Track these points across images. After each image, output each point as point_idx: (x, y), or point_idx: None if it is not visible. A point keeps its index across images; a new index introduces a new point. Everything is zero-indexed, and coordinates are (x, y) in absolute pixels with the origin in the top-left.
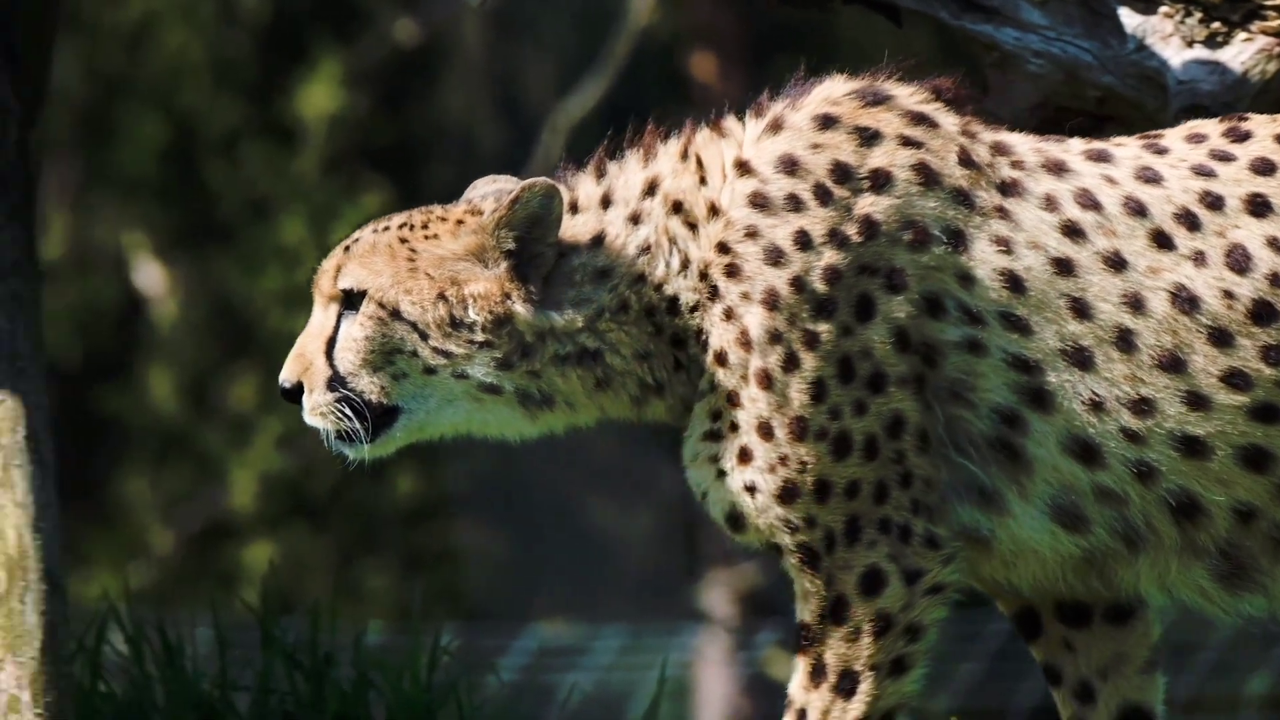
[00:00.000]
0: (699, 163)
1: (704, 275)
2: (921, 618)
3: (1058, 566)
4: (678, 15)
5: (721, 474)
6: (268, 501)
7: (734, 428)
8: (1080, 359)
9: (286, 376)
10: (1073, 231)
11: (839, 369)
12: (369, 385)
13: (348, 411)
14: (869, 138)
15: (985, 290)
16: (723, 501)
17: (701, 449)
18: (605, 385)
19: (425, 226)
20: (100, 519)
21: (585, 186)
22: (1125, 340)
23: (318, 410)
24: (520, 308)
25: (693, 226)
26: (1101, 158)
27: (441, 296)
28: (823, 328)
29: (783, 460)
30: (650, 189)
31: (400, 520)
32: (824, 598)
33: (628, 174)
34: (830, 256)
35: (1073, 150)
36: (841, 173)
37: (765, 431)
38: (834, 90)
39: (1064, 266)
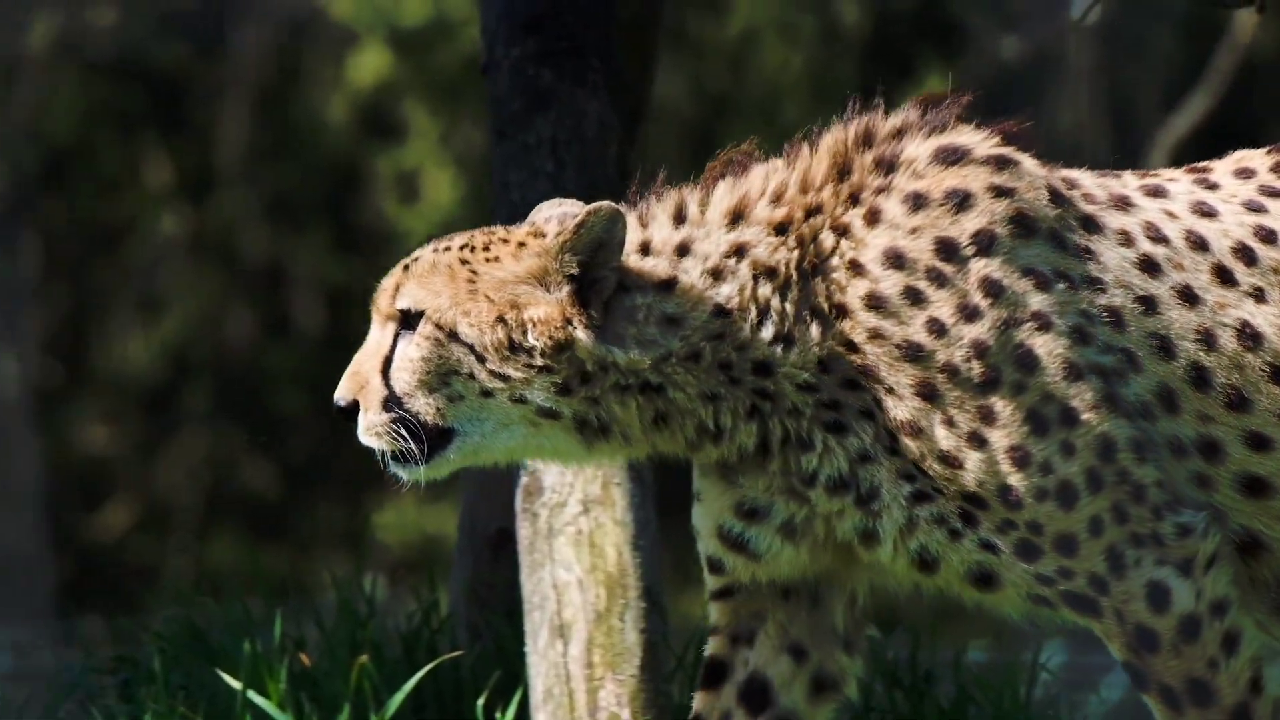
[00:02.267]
0: (813, 243)
1: (825, 368)
2: (1216, 592)
3: None
4: None
5: (955, 534)
6: None
7: (939, 491)
8: (1169, 402)
9: (342, 395)
10: (1150, 266)
11: (1032, 425)
12: (424, 406)
13: (403, 432)
14: (960, 202)
15: (1099, 328)
16: (968, 561)
17: (920, 512)
18: (664, 421)
19: (487, 248)
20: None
21: (661, 230)
22: (1201, 379)
23: (373, 430)
24: (582, 334)
25: (815, 310)
26: (1158, 193)
27: (501, 319)
28: (994, 399)
29: (1010, 524)
30: (738, 251)
31: None
32: (1125, 634)
33: (710, 227)
34: (970, 332)
35: (1130, 185)
36: (947, 250)
37: (978, 503)
38: (918, 155)
39: (1148, 304)
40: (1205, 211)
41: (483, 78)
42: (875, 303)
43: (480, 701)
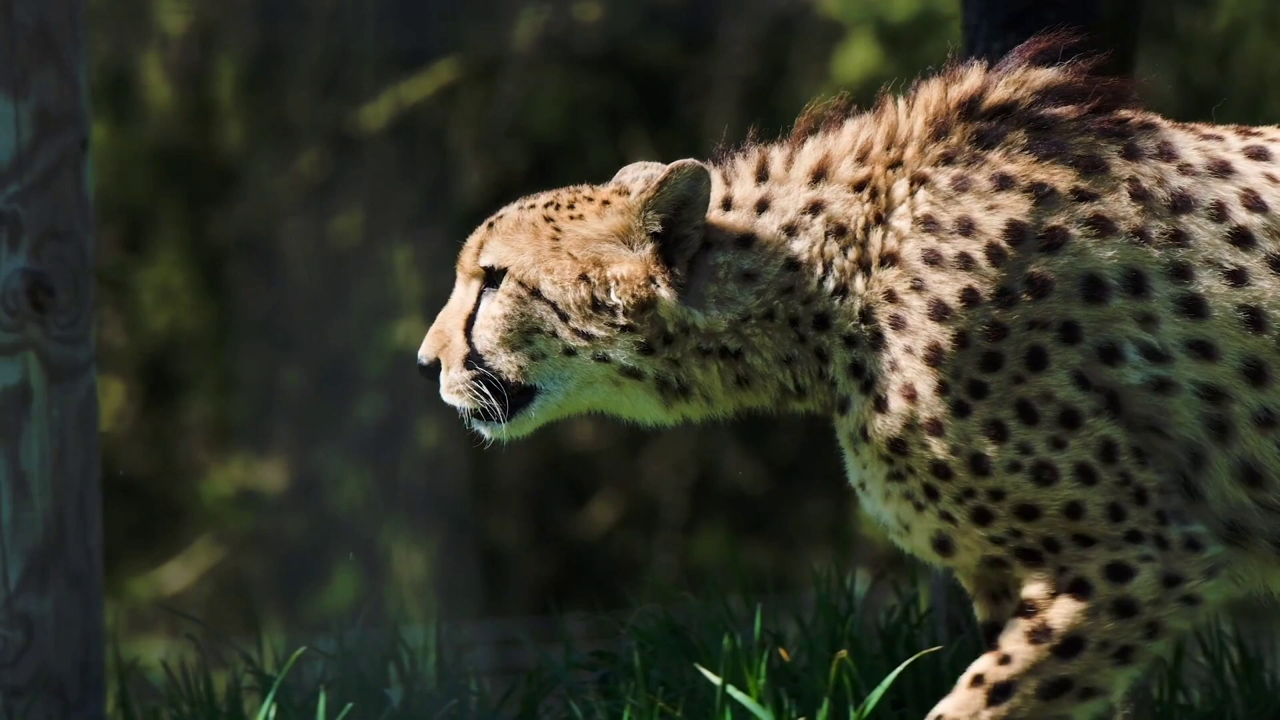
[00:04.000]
0: (873, 192)
1: (865, 316)
2: (1168, 620)
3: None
4: None
5: (919, 507)
6: None
7: (910, 470)
8: (1257, 374)
9: (425, 353)
10: (1242, 239)
11: (1018, 411)
12: (507, 364)
13: (485, 390)
14: (1044, 196)
15: (1170, 325)
16: (928, 529)
17: (892, 489)
18: (745, 383)
19: (571, 206)
20: None
21: (743, 186)
22: None
23: (454, 388)
24: (665, 293)
25: (863, 263)
26: (1261, 155)
27: (584, 277)
28: (988, 378)
29: (969, 493)
30: (814, 208)
31: None
32: (1054, 581)
33: (791, 185)
34: (998, 313)
35: (1233, 148)
36: (1017, 233)
37: (943, 472)
38: (1017, 138)
39: (1238, 277)
40: None
41: None
42: (932, 258)
43: None
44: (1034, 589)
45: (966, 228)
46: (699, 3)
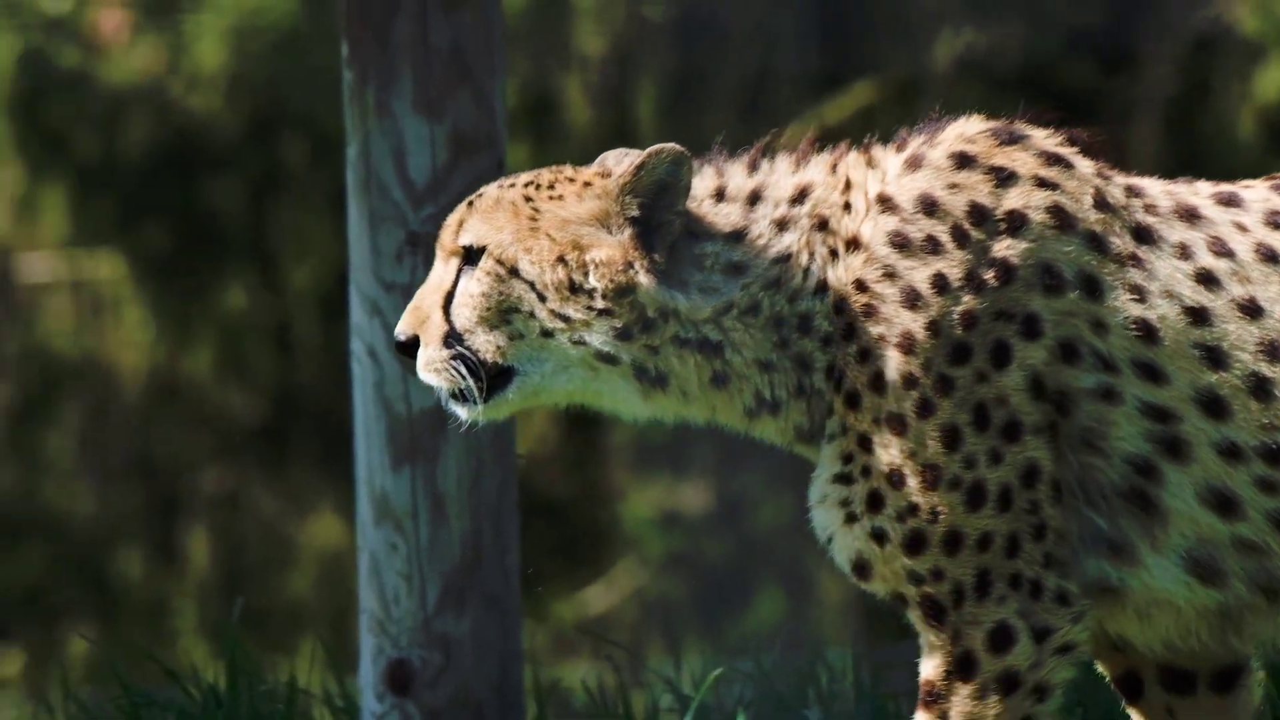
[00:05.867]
0: (848, 184)
1: (839, 309)
2: (1049, 677)
3: (1193, 620)
4: None
5: (851, 518)
6: None
7: (865, 472)
8: (1215, 407)
9: (402, 329)
10: (1207, 280)
11: (974, 416)
12: (485, 344)
13: (463, 369)
14: (1004, 178)
15: (1119, 338)
16: (849, 548)
17: (831, 491)
18: (722, 383)
19: (552, 186)
20: None
21: (736, 177)
22: (1262, 389)
23: (431, 366)
24: (643, 278)
25: (834, 252)
26: (1231, 202)
27: (561, 259)
28: (958, 373)
29: (913, 509)
30: (800, 196)
31: None
32: (950, 654)
33: (779, 175)
34: (968, 301)
35: (1202, 194)
36: (978, 215)
37: (896, 479)
38: (969, 128)
39: (1198, 316)
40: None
41: None
42: (899, 241)
43: None
44: (931, 667)
45: (930, 208)
46: (1119, 23)
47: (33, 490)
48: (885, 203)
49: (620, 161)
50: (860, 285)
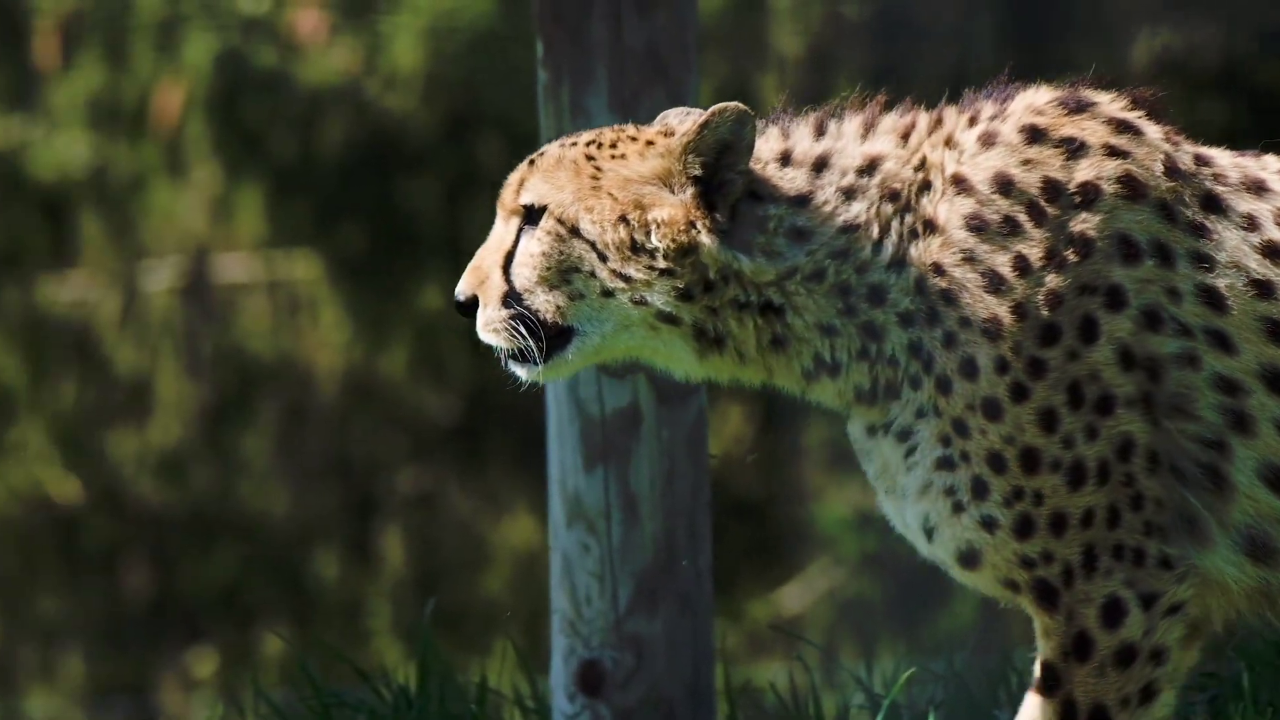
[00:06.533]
0: (923, 162)
1: (920, 289)
2: (1164, 640)
3: (1239, 601)
4: None
5: (958, 508)
6: None
7: (965, 457)
8: (1276, 382)
9: (462, 289)
10: (1274, 253)
11: (1068, 395)
12: (544, 303)
13: (522, 329)
14: (1075, 150)
15: (1191, 305)
16: (958, 538)
17: (936, 479)
18: (780, 346)
19: (614, 145)
20: None
21: (803, 141)
22: None
23: (491, 326)
24: (705, 238)
25: (914, 231)
26: None
27: (623, 219)
28: (1049, 354)
29: (1018, 494)
30: (869, 168)
31: None
32: (1066, 634)
33: (847, 141)
34: (1051, 281)
35: (1270, 169)
36: (1053, 190)
37: (998, 465)
38: (1038, 99)
39: (1264, 289)
40: None
41: None
42: (976, 224)
43: None
44: (1048, 651)
45: (1006, 188)
46: None
47: (229, 491)
48: (960, 183)
49: (683, 120)
50: (938, 269)
